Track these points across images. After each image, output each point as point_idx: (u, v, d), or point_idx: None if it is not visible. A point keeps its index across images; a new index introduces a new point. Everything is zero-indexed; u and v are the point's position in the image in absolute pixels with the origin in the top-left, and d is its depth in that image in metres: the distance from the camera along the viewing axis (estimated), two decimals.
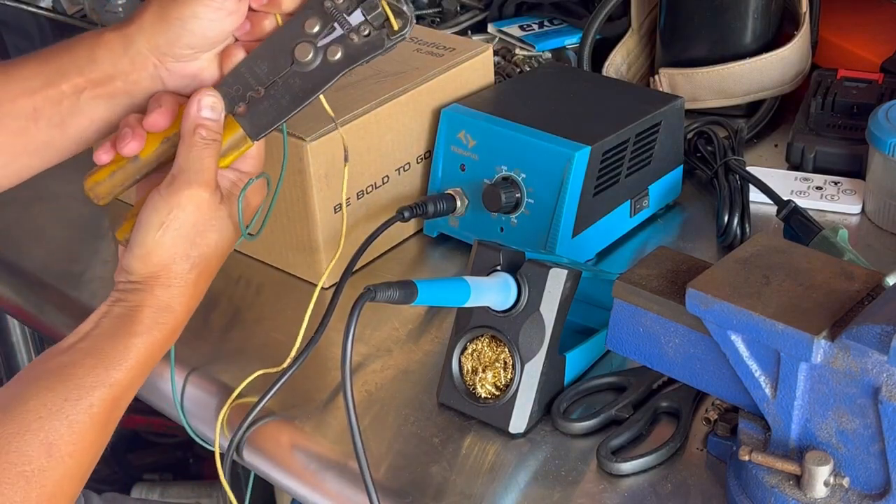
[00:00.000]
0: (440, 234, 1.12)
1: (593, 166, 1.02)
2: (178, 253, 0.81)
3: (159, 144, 0.83)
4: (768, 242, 0.82)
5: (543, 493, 0.83)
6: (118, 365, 0.79)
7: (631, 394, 0.90)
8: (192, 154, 0.82)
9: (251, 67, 0.84)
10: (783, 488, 0.75)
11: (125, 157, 0.84)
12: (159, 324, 0.81)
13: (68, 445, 0.76)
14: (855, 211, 1.13)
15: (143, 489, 1.77)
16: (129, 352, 0.80)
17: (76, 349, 0.79)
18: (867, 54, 1.31)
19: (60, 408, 0.76)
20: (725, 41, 1.26)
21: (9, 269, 1.16)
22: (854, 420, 0.73)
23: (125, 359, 0.80)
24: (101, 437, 0.80)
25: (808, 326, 0.73)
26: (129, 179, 0.85)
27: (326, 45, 0.83)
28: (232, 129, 0.84)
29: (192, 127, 0.82)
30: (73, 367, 0.78)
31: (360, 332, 0.96)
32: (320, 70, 0.83)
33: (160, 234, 0.81)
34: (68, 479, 0.77)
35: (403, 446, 0.88)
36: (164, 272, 0.81)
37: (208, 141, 0.82)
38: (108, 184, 0.84)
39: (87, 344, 0.80)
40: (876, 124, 1.09)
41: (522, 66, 1.36)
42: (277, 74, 0.83)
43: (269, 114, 0.84)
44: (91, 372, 0.78)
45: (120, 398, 0.80)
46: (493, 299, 0.86)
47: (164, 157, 0.84)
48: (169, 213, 0.81)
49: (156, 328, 0.81)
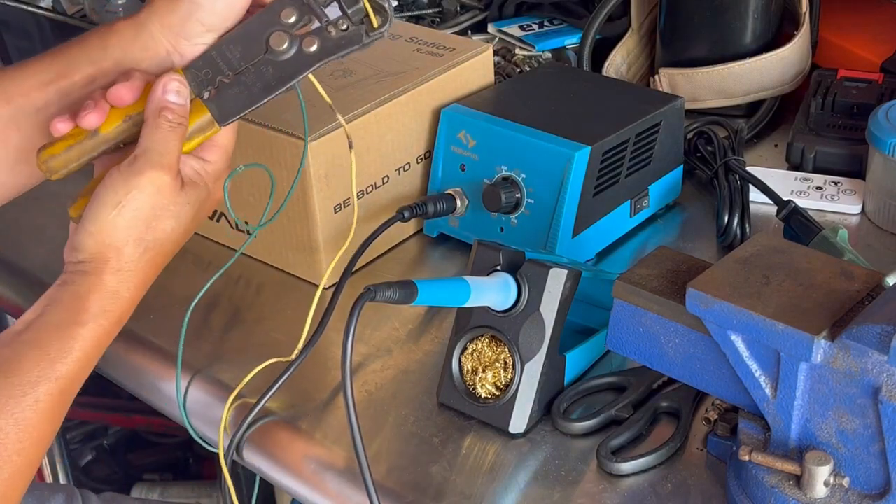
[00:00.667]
0: (440, 234, 1.12)
1: (593, 166, 1.02)
2: (132, 236, 0.79)
3: (121, 122, 0.81)
4: (768, 242, 0.82)
5: (543, 493, 0.83)
6: (63, 357, 0.77)
7: (631, 394, 0.90)
8: (157, 136, 0.80)
9: (223, 52, 0.82)
10: (783, 488, 0.75)
11: (84, 131, 0.81)
12: (106, 311, 0.79)
13: (16, 444, 0.75)
14: (855, 211, 1.13)
15: (143, 489, 1.77)
16: (75, 342, 0.78)
17: (20, 341, 0.77)
18: (867, 54, 1.31)
19: (5, 405, 0.75)
20: (725, 41, 1.26)
21: (9, 269, 1.16)
22: (854, 420, 0.73)
23: (71, 350, 0.78)
24: (48, 431, 0.78)
25: (808, 326, 0.73)
26: (86, 156, 0.82)
27: (303, 35, 0.81)
28: (199, 113, 0.82)
29: (157, 109, 0.80)
30: (17, 361, 0.76)
31: (360, 332, 0.96)
32: (295, 60, 0.82)
33: (115, 214, 0.79)
34: (18, 476, 0.76)
35: (403, 446, 0.88)
36: (115, 255, 0.79)
37: (174, 124, 0.80)
38: (64, 157, 0.82)
39: (31, 335, 0.78)
40: (876, 124, 1.09)
41: (522, 66, 1.36)
42: (250, 61, 0.82)
43: (239, 100, 0.82)
44: (36, 366, 0.76)
45: (66, 390, 0.78)
46: (493, 299, 0.86)
47: (125, 136, 0.82)
48: (127, 194, 0.79)
49: (102, 316, 0.79)
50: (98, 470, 1.88)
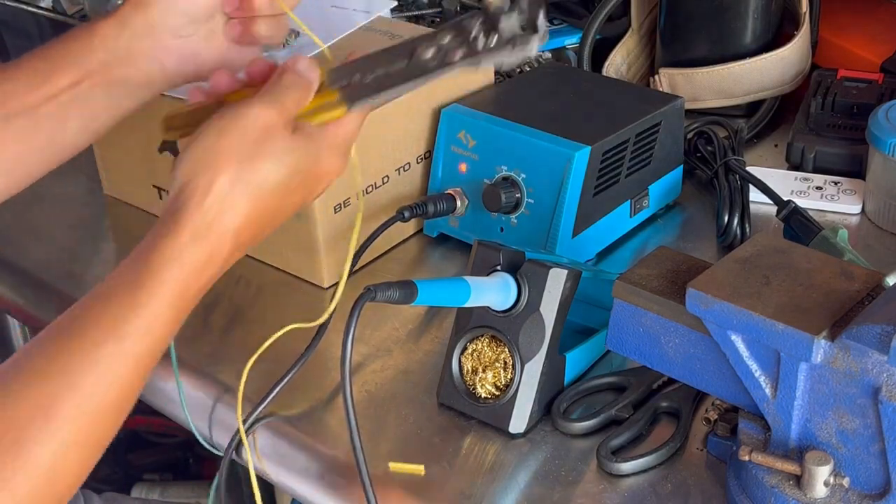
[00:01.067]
0: (440, 234, 1.12)
1: (593, 166, 1.02)
2: (230, 164, 0.73)
3: (248, 91, 0.80)
4: (768, 242, 0.82)
5: (543, 493, 0.83)
6: (148, 304, 0.70)
7: (631, 394, 0.90)
8: (277, 86, 0.77)
9: (360, 65, 0.80)
10: (783, 488, 0.75)
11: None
12: (197, 241, 0.72)
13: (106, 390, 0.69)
14: (855, 211, 1.13)
15: (143, 489, 1.77)
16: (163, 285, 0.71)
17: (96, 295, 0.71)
18: (867, 54, 1.31)
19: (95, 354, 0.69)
20: (725, 41, 1.26)
21: (9, 269, 1.16)
22: (854, 420, 0.73)
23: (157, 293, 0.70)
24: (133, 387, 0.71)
25: (808, 326, 0.73)
26: (208, 117, 0.80)
27: (449, 46, 0.80)
28: (327, 95, 0.80)
29: (283, 69, 0.78)
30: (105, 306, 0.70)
31: (360, 332, 0.96)
32: (436, 64, 0.80)
33: (215, 139, 0.74)
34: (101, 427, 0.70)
35: (403, 446, 0.88)
36: (209, 180, 0.73)
37: (296, 82, 0.77)
38: (187, 118, 0.81)
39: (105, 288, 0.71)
40: (876, 124, 1.09)
41: (522, 66, 1.36)
42: (389, 66, 0.80)
43: (371, 87, 0.80)
44: (125, 313, 0.70)
45: (156, 344, 0.71)
46: (493, 299, 0.86)
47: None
48: (232, 121, 0.74)
49: (192, 247, 0.72)
50: (98, 470, 1.86)
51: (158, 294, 0.71)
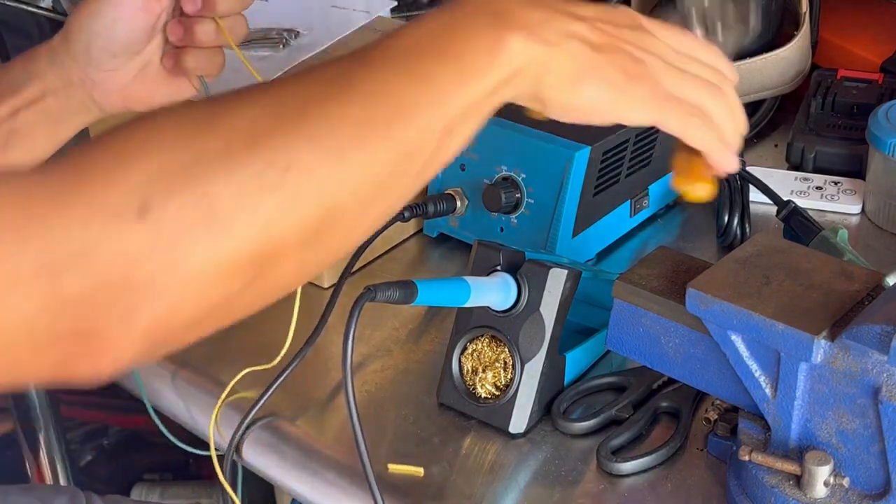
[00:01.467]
0: (440, 234, 1.12)
1: (593, 166, 1.02)
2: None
3: None
4: (768, 242, 0.82)
5: (543, 493, 0.83)
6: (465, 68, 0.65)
7: (631, 394, 0.90)
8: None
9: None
10: (783, 488, 0.75)
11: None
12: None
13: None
14: (855, 211, 1.13)
15: (143, 489, 1.77)
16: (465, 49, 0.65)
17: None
18: (867, 54, 1.31)
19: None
20: (725, 41, 1.26)
21: None
22: (854, 420, 0.73)
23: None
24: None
25: (808, 326, 0.73)
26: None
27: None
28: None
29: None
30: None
31: (360, 332, 0.96)
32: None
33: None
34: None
35: (403, 446, 0.88)
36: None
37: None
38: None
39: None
40: (876, 124, 1.09)
41: None
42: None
43: None
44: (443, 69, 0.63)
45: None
46: (493, 299, 0.86)
47: None
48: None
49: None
50: (98, 470, 1.87)
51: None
